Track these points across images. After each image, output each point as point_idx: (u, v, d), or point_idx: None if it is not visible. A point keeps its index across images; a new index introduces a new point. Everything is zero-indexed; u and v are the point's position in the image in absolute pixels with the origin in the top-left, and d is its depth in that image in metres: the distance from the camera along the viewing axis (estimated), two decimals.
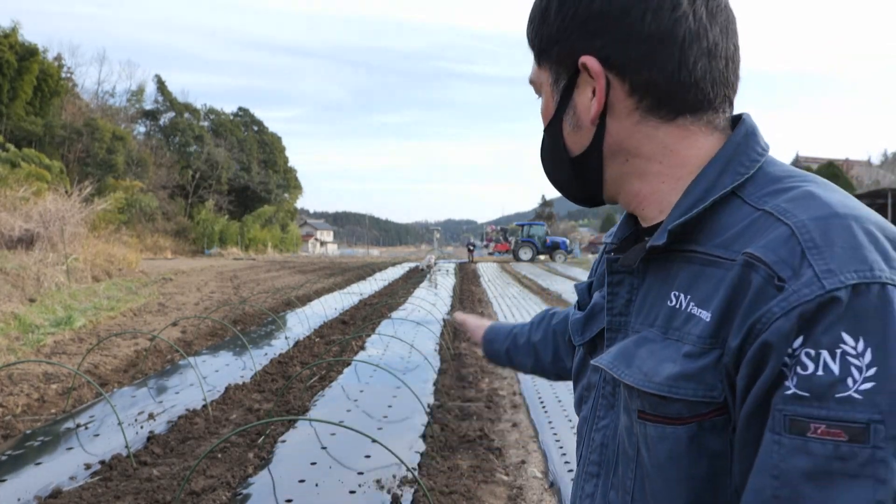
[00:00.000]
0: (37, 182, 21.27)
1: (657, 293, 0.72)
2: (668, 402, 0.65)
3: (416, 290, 15.78)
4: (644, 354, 0.70)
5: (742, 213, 0.66)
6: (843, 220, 0.60)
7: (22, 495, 3.52)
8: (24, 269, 12.99)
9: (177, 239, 44.08)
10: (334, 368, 6.53)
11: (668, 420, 0.66)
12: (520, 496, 3.63)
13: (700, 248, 0.68)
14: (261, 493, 3.53)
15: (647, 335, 0.71)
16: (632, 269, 0.77)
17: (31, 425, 4.86)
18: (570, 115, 0.76)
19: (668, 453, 0.66)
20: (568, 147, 0.78)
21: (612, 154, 0.75)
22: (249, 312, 11.23)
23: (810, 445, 0.54)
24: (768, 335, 0.57)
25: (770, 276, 0.59)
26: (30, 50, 34.71)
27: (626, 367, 0.71)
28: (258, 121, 61.23)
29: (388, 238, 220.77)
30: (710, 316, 0.64)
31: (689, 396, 0.64)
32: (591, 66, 0.71)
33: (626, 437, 0.73)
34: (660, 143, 0.72)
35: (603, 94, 0.71)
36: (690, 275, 0.68)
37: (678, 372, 0.64)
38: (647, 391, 0.67)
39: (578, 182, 0.80)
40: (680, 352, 0.66)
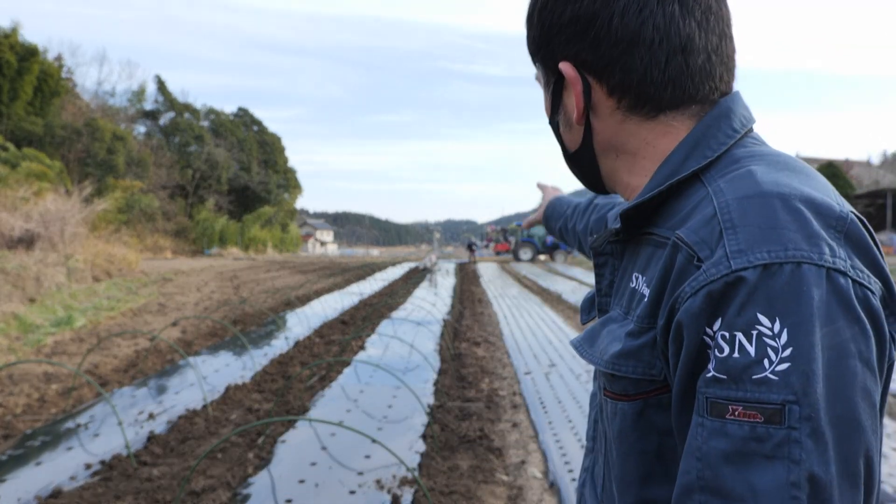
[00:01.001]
0: (37, 182, 21.27)
1: (629, 275, 0.75)
2: (616, 380, 0.68)
3: (416, 290, 15.78)
4: (605, 334, 0.73)
5: (698, 195, 0.66)
6: (765, 198, 0.59)
7: (22, 495, 3.52)
8: (24, 270, 12.99)
9: (177, 239, 44.07)
10: (334, 368, 6.53)
11: (618, 396, 0.69)
12: (520, 496, 3.63)
13: (656, 230, 0.70)
14: (261, 493, 3.53)
15: (613, 315, 0.75)
16: (613, 251, 0.80)
17: (32, 425, 4.87)
18: (561, 115, 0.80)
19: (619, 428, 0.69)
20: (565, 143, 0.82)
21: (603, 151, 0.78)
22: (249, 312, 11.24)
23: (728, 427, 0.54)
24: (680, 315, 0.59)
25: (690, 255, 0.60)
26: (30, 50, 34.70)
27: (589, 346, 0.75)
28: (258, 121, 61.24)
29: (388, 238, 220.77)
30: (647, 295, 0.66)
31: (630, 374, 0.66)
32: (566, 72, 0.74)
33: (600, 414, 0.79)
34: (643, 139, 0.74)
35: (581, 97, 0.74)
36: (647, 256, 0.71)
37: (619, 350, 0.67)
38: (601, 369, 0.71)
39: (580, 175, 0.84)
40: (623, 330, 0.68)
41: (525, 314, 11.52)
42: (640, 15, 0.69)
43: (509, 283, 19.52)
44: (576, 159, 0.82)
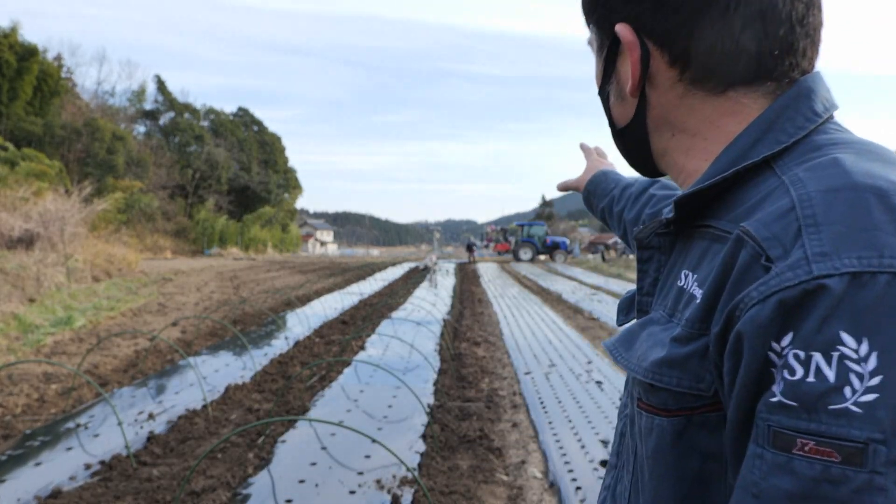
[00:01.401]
0: (37, 182, 21.27)
1: (676, 272, 0.66)
2: (655, 391, 0.60)
3: (416, 290, 15.79)
4: (644, 337, 0.64)
5: (767, 185, 0.58)
6: (857, 192, 0.50)
7: (22, 495, 3.52)
8: (24, 270, 12.99)
9: (176, 239, 44.06)
10: (334, 368, 6.53)
11: (655, 410, 0.60)
12: (520, 496, 3.63)
13: (715, 223, 0.61)
14: (261, 493, 3.53)
15: (655, 316, 0.66)
16: (660, 245, 0.71)
17: (31, 425, 4.86)
18: (613, 85, 0.72)
19: (654, 447, 0.61)
20: (614, 118, 0.74)
21: (657, 127, 0.70)
22: (249, 312, 11.24)
23: (795, 464, 0.46)
24: (742, 324, 0.50)
25: (757, 253, 0.51)
26: (30, 50, 34.69)
27: (625, 350, 0.66)
28: (258, 120, 61.23)
29: (388, 238, 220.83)
30: (700, 297, 0.57)
31: (673, 386, 0.57)
32: (623, 36, 0.65)
33: (629, 427, 0.70)
34: (705, 118, 0.65)
35: (638, 65, 0.66)
36: (700, 251, 0.62)
37: (662, 357, 0.58)
38: (637, 377, 0.62)
39: (628, 154, 0.76)
40: (671, 335, 0.59)
41: (525, 314, 11.51)
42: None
43: (509, 283, 19.52)
44: (625, 136, 0.73)
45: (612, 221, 1.22)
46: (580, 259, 38.10)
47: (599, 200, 1.25)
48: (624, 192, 1.19)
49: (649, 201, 1.11)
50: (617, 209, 1.19)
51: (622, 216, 1.17)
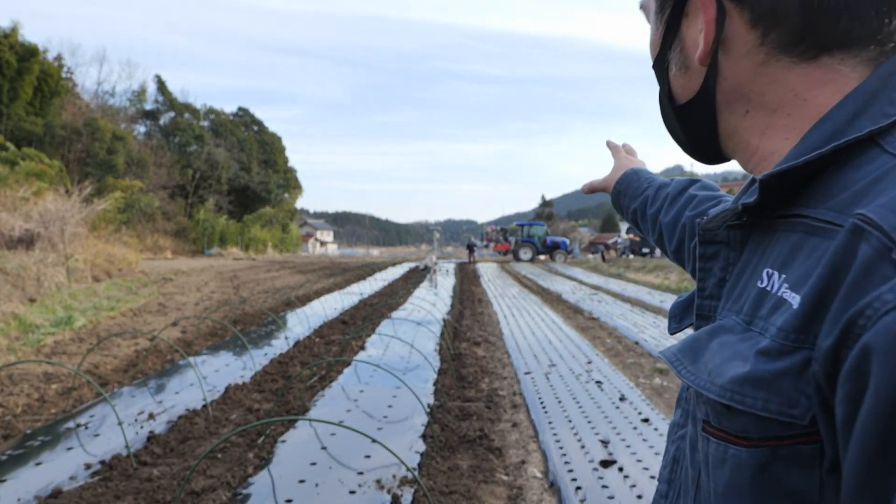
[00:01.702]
0: (37, 182, 21.27)
1: (752, 271, 0.56)
2: (732, 414, 0.49)
3: (416, 290, 15.78)
4: (715, 347, 0.53)
5: (875, 165, 0.48)
6: None
7: (22, 495, 3.52)
8: (24, 269, 12.99)
9: (177, 239, 44.08)
10: (334, 368, 6.53)
11: (731, 438, 0.50)
12: (520, 496, 3.63)
13: (808, 212, 0.51)
14: (261, 493, 3.53)
15: (726, 323, 0.55)
16: (728, 239, 0.60)
17: (32, 425, 4.86)
18: (676, 53, 0.62)
19: (728, 482, 0.50)
20: (674, 92, 0.64)
21: (728, 102, 0.60)
22: (249, 312, 11.24)
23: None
24: (871, 336, 0.38)
25: (885, 247, 0.40)
26: (30, 50, 34.71)
27: (690, 362, 0.55)
28: (258, 120, 61.24)
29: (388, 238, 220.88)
30: (798, 302, 0.46)
31: (758, 410, 0.47)
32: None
33: (689, 453, 0.59)
34: (790, 89, 0.55)
35: (712, 26, 0.56)
36: (790, 246, 0.51)
37: (745, 374, 0.48)
38: (710, 396, 0.51)
39: (688, 136, 0.66)
40: (756, 347, 0.48)
41: (525, 314, 11.51)
42: None
43: (509, 282, 19.52)
44: (686, 112, 0.63)
45: (646, 224, 1.10)
46: (580, 259, 38.10)
47: (631, 201, 1.12)
48: (659, 192, 1.07)
49: (690, 202, 0.99)
50: (651, 211, 1.06)
51: (657, 219, 1.05)
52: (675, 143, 0.70)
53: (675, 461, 0.66)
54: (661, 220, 1.03)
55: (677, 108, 0.64)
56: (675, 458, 0.66)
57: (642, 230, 1.13)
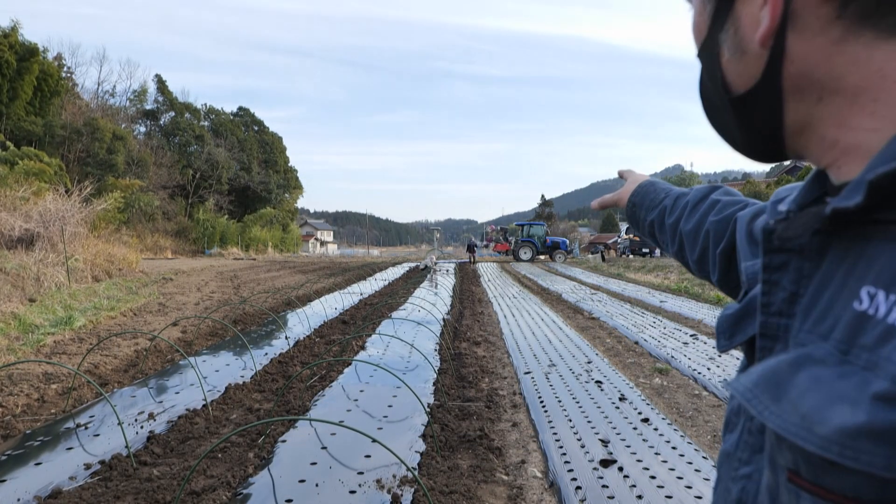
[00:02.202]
0: (36, 181, 21.27)
1: (839, 288, 0.47)
2: (840, 472, 0.40)
3: (417, 290, 15.78)
4: (804, 384, 0.44)
5: None
6: None
7: (22, 495, 3.52)
8: (24, 269, 12.99)
9: (177, 239, 44.07)
10: (334, 368, 6.53)
11: (836, 498, 0.42)
12: (520, 496, 3.63)
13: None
14: (261, 493, 3.53)
15: (814, 352, 0.45)
16: (801, 248, 0.51)
17: (31, 425, 4.86)
18: (730, 34, 0.54)
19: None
20: (728, 81, 0.55)
21: (798, 90, 0.51)
22: (250, 312, 11.23)
23: None
24: None
25: None
26: (30, 50, 34.71)
27: (771, 399, 0.45)
28: (258, 120, 61.23)
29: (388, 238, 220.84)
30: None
31: (878, 470, 0.38)
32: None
33: (766, 500, 0.50)
34: (876, 70, 0.47)
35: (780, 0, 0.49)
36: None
37: (859, 424, 0.39)
38: (805, 448, 0.42)
39: (746, 131, 0.56)
40: (869, 389, 0.39)
41: (525, 314, 11.51)
42: None
43: (509, 282, 19.52)
44: (745, 104, 0.54)
45: (664, 236, 1.04)
46: (580, 259, 38.09)
47: (647, 213, 1.07)
48: (678, 201, 1.01)
49: (712, 207, 0.92)
50: (670, 221, 1.00)
51: (677, 228, 0.99)
52: (725, 141, 0.60)
53: (741, 503, 0.55)
54: (682, 229, 0.97)
55: (733, 99, 0.55)
56: (739, 499, 0.56)
57: (660, 243, 1.07)
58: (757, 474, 0.54)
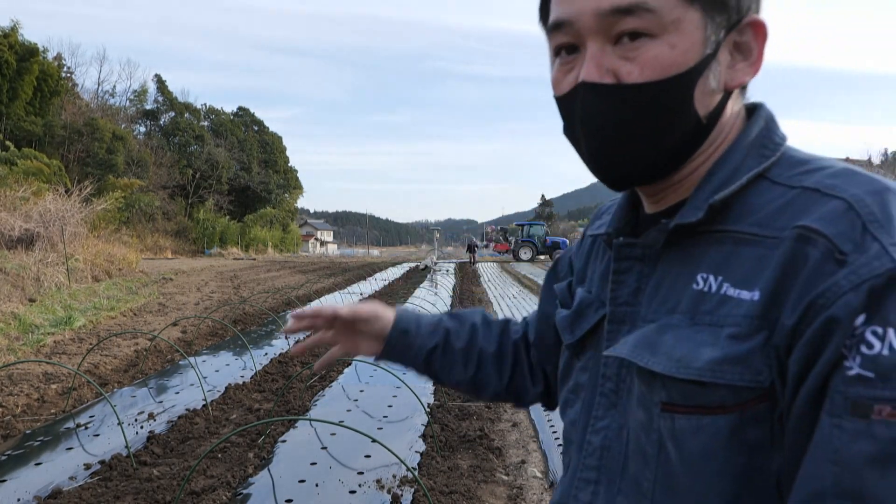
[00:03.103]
0: (36, 182, 21.26)
1: (676, 278, 0.67)
2: (709, 389, 0.60)
3: (417, 289, 15.78)
4: (670, 341, 0.64)
5: (774, 193, 0.63)
6: (892, 193, 0.58)
7: (22, 495, 3.52)
8: (24, 269, 12.99)
9: (177, 239, 44.05)
10: (334, 368, 6.53)
11: (707, 410, 0.61)
12: (520, 496, 3.63)
13: (732, 227, 0.64)
14: (261, 493, 3.53)
15: (670, 321, 0.66)
16: (644, 256, 0.71)
17: (31, 425, 4.86)
18: (711, 73, 0.66)
19: (703, 447, 0.61)
20: (696, 109, 0.66)
21: (713, 127, 0.69)
22: (250, 312, 11.23)
23: (874, 429, 0.51)
24: (835, 311, 0.54)
25: (830, 249, 0.56)
26: (30, 50, 34.68)
27: (650, 354, 0.65)
28: (258, 120, 61.23)
29: (389, 238, 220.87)
30: (757, 294, 0.59)
31: (736, 381, 0.59)
32: (761, 29, 0.67)
33: (643, 435, 0.67)
34: (726, 121, 0.69)
35: (761, 61, 0.67)
36: (721, 255, 0.64)
37: (722, 356, 0.60)
38: (682, 378, 0.62)
39: (671, 156, 0.68)
40: (720, 335, 0.61)
41: (525, 314, 11.49)
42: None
43: (509, 283, 19.52)
44: (705, 127, 0.68)
45: (454, 359, 1.00)
46: None
47: (426, 339, 1.00)
48: (457, 326, 1.02)
49: (527, 325, 1.05)
50: (460, 344, 1.00)
51: (492, 336, 1.03)
52: (621, 162, 0.68)
53: (604, 448, 0.72)
54: (487, 351, 1.00)
55: (700, 123, 0.67)
56: (602, 446, 0.72)
57: (441, 373, 1.01)
58: (615, 423, 0.71)
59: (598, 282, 0.81)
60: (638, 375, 0.68)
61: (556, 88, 0.71)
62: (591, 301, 0.80)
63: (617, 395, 0.72)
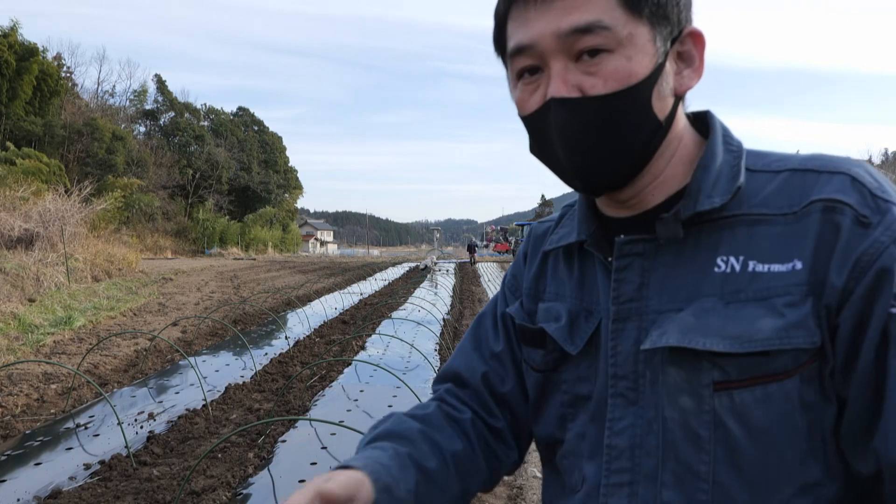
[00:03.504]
0: (36, 181, 21.26)
1: (689, 266, 0.71)
2: (772, 358, 0.64)
3: (417, 290, 15.78)
4: (717, 322, 0.66)
5: (761, 179, 0.71)
6: (868, 167, 0.68)
7: (22, 495, 3.52)
8: (23, 269, 12.99)
9: (177, 239, 44.05)
10: (334, 368, 6.53)
11: (771, 377, 0.65)
12: (520, 496, 3.63)
13: (738, 212, 0.70)
14: (261, 493, 3.53)
15: (703, 305, 0.68)
16: (644, 252, 0.73)
17: (31, 425, 4.86)
18: (661, 82, 0.71)
19: (772, 415, 0.65)
20: (655, 113, 0.71)
21: (669, 129, 0.74)
22: (249, 312, 11.23)
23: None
24: (882, 262, 0.61)
25: (855, 215, 0.64)
26: (29, 50, 34.67)
27: (702, 336, 0.66)
28: (258, 120, 61.24)
29: (389, 238, 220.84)
30: (800, 264, 0.65)
31: (800, 344, 0.64)
32: (700, 38, 0.73)
33: (692, 421, 0.67)
34: (682, 126, 0.76)
35: (703, 68, 0.73)
36: (736, 238, 0.69)
37: (786, 323, 0.64)
38: (746, 352, 0.64)
39: (634, 158, 0.72)
40: (776, 305, 0.65)
41: None
42: None
43: None
44: (662, 127, 0.72)
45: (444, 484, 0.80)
46: None
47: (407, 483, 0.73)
48: (425, 418, 0.85)
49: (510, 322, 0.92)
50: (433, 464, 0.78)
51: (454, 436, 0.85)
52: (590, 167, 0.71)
53: (635, 447, 0.71)
54: (461, 454, 0.85)
55: (659, 126, 0.72)
56: (632, 445, 0.72)
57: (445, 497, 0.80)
58: (640, 420, 0.71)
59: (573, 290, 0.81)
60: (674, 363, 0.68)
61: (522, 108, 0.74)
62: (578, 310, 0.80)
63: (636, 392, 0.72)
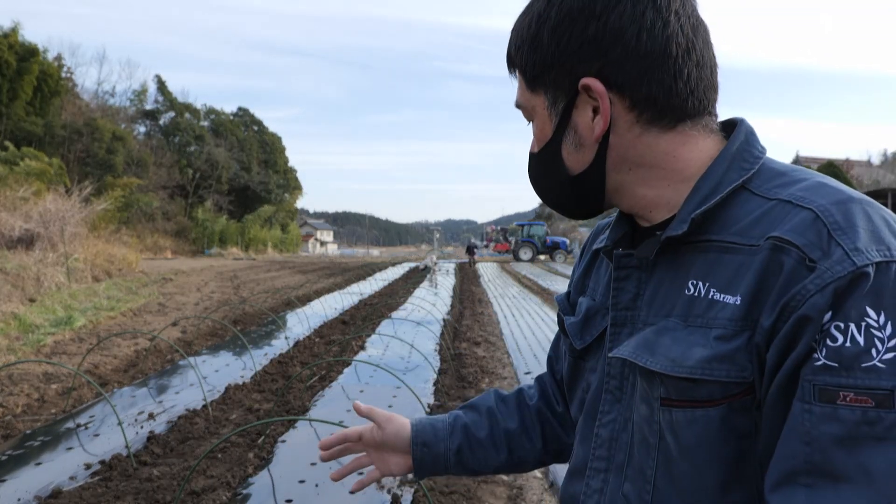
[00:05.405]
0: (36, 182, 21.26)
1: (670, 284, 0.75)
2: (699, 385, 0.67)
3: (416, 290, 15.78)
4: (667, 342, 0.71)
5: (754, 204, 0.71)
6: (859, 204, 0.65)
7: (22, 495, 3.52)
8: (24, 269, 12.99)
9: (177, 239, 44.03)
10: (334, 368, 6.53)
11: (698, 403, 0.68)
12: (520, 496, 3.63)
13: (715, 237, 0.71)
14: (261, 493, 3.53)
15: (667, 325, 0.73)
16: (641, 264, 0.79)
17: (31, 425, 4.86)
18: (570, 136, 0.78)
19: (697, 436, 0.69)
20: (567, 167, 0.80)
21: (615, 166, 0.77)
22: (249, 312, 11.23)
23: (840, 412, 0.58)
24: (805, 310, 0.61)
25: (801, 257, 0.63)
26: (30, 50, 34.68)
27: (649, 355, 0.72)
28: (258, 120, 61.22)
29: (388, 238, 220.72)
30: (739, 299, 0.66)
31: (723, 377, 0.66)
32: (595, 88, 0.74)
33: (645, 427, 0.74)
34: (662, 150, 0.75)
35: (608, 112, 0.74)
36: (707, 263, 0.71)
37: (711, 355, 0.67)
38: (676, 376, 0.69)
39: (578, 199, 0.82)
40: (709, 336, 0.68)
41: (525, 314, 11.51)
42: (665, 31, 0.72)
43: (509, 283, 19.51)
44: (581, 180, 0.80)
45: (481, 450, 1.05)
46: None
47: (447, 443, 1.06)
48: (473, 418, 1.07)
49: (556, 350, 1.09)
50: (483, 433, 1.06)
51: (511, 412, 1.08)
52: (555, 209, 0.87)
53: (612, 440, 0.80)
54: (510, 430, 1.05)
55: (572, 177, 0.80)
56: (610, 438, 0.80)
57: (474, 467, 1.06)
58: (620, 417, 0.79)
59: (602, 291, 0.89)
60: (640, 374, 0.75)
61: None
62: (597, 308, 0.88)
63: (621, 392, 0.80)
